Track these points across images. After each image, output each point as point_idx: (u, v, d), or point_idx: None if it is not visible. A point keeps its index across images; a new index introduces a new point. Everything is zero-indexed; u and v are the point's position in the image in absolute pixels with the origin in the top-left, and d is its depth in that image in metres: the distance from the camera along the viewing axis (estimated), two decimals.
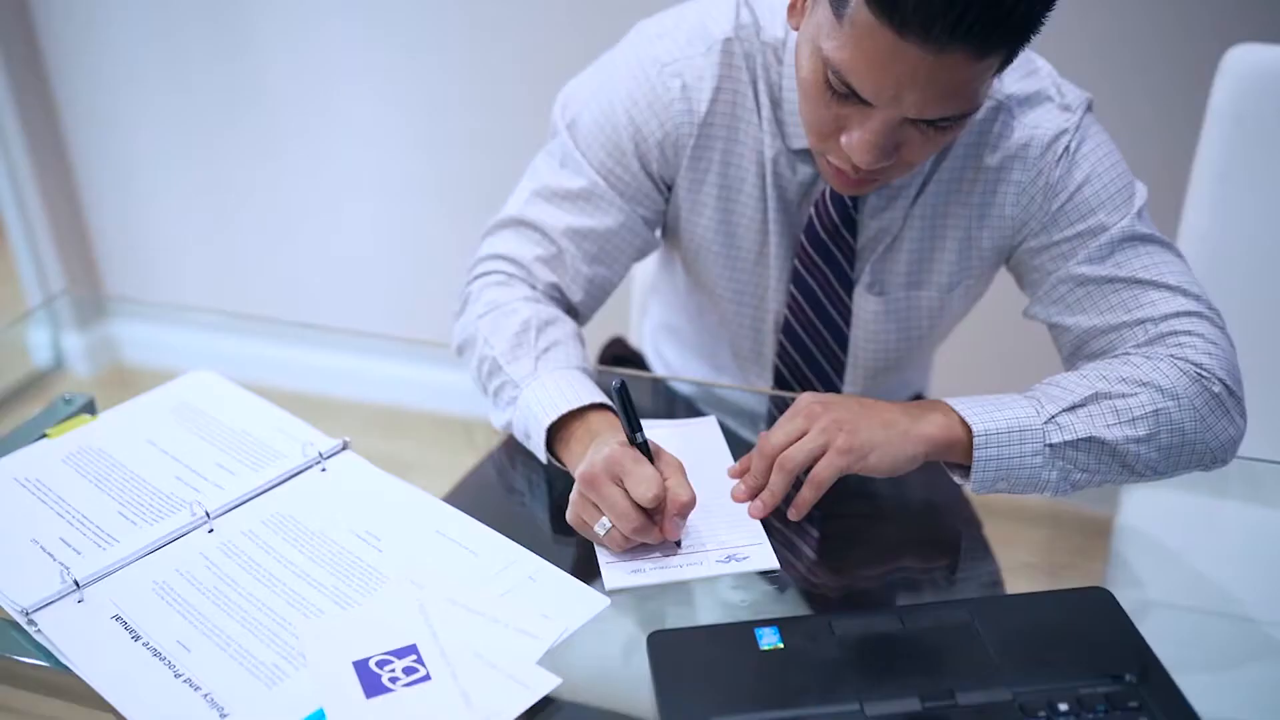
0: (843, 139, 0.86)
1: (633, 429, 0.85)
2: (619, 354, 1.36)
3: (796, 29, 0.90)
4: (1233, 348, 0.95)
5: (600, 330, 1.41)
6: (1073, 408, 0.89)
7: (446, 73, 2.05)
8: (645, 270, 1.41)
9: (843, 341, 1.09)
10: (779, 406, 1.14)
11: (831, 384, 1.13)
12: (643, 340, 1.37)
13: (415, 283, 2.30)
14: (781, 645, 0.78)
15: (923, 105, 0.81)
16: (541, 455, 0.94)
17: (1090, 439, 0.89)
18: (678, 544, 0.87)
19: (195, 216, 2.39)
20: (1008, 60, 0.83)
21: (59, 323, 1.53)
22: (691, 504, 0.85)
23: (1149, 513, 1.28)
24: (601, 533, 0.85)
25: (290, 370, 1.34)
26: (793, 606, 0.89)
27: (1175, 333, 0.93)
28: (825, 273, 1.05)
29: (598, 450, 0.86)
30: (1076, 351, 0.99)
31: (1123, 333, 0.95)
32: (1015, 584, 1.05)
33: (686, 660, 0.77)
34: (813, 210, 1.02)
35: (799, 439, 0.88)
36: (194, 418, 1.04)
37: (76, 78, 2.29)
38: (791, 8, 0.90)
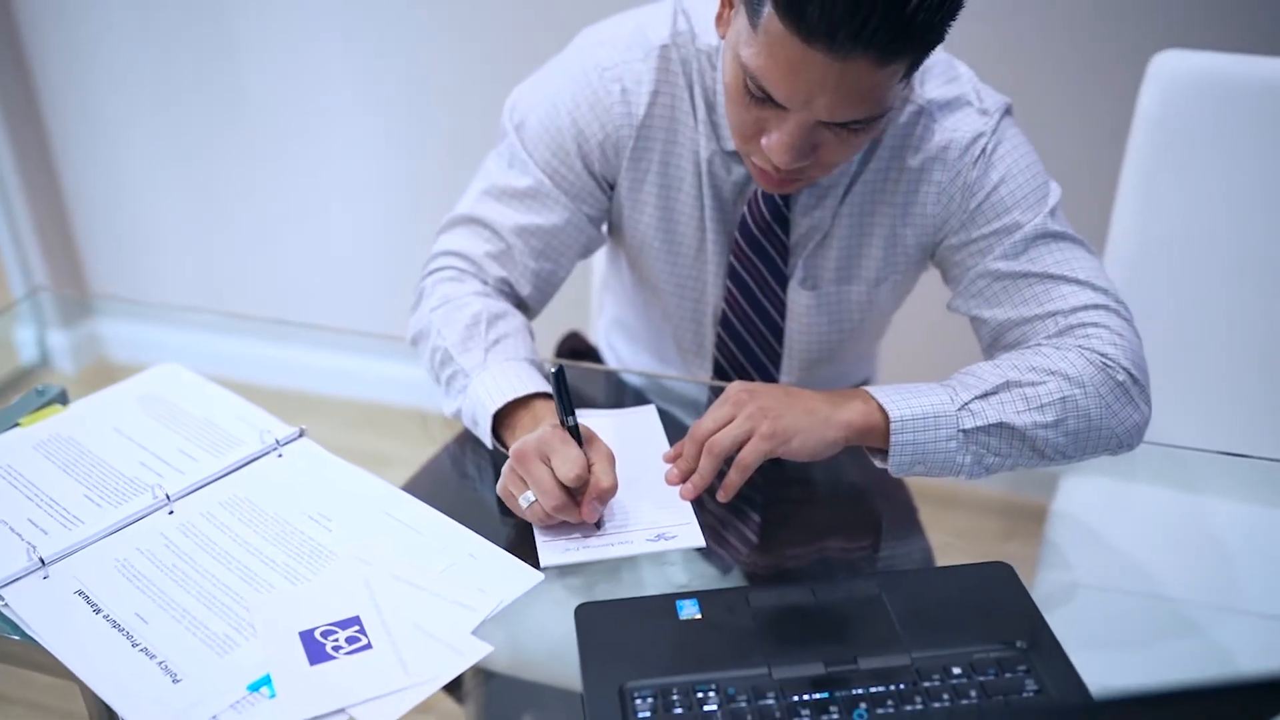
0: (763, 141, 0.92)
1: (565, 413, 0.90)
2: (575, 347, 1.41)
3: (724, 38, 0.96)
4: (1139, 339, 1.00)
5: (562, 325, 1.46)
6: (985, 395, 0.95)
7: (423, 79, 2.10)
8: (602, 268, 1.46)
9: (778, 334, 1.15)
10: (718, 396, 1.20)
11: (769, 375, 1.18)
12: (598, 335, 1.42)
13: (395, 280, 2.35)
14: (700, 616, 0.83)
15: (833, 109, 0.87)
16: (488, 441, 1.00)
17: (1001, 424, 0.94)
18: (597, 525, 0.93)
19: (179, 215, 2.44)
20: (912, 67, 0.88)
21: (44, 320, 1.58)
22: (611, 491, 0.90)
23: (1083, 499, 1.33)
24: (525, 505, 0.90)
25: (272, 367, 1.38)
26: (722, 583, 0.94)
27: (1084, 324, 0.98)
28: (759, 268, 1.10)
29: (534, 431, 0.91)
30: (994, 343, 1.05)
31: (1035, 325, 1.00)
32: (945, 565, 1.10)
33: (610, 629, 0.82)
34: (746, 208, 1.08)
35: (726, 425, 0.94)
36: (159, 407, 1.09)
37: (61, 77, 2.33)
38: (719, 18, 0.96)
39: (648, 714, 0.75)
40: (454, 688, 1.32)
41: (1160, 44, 1.29)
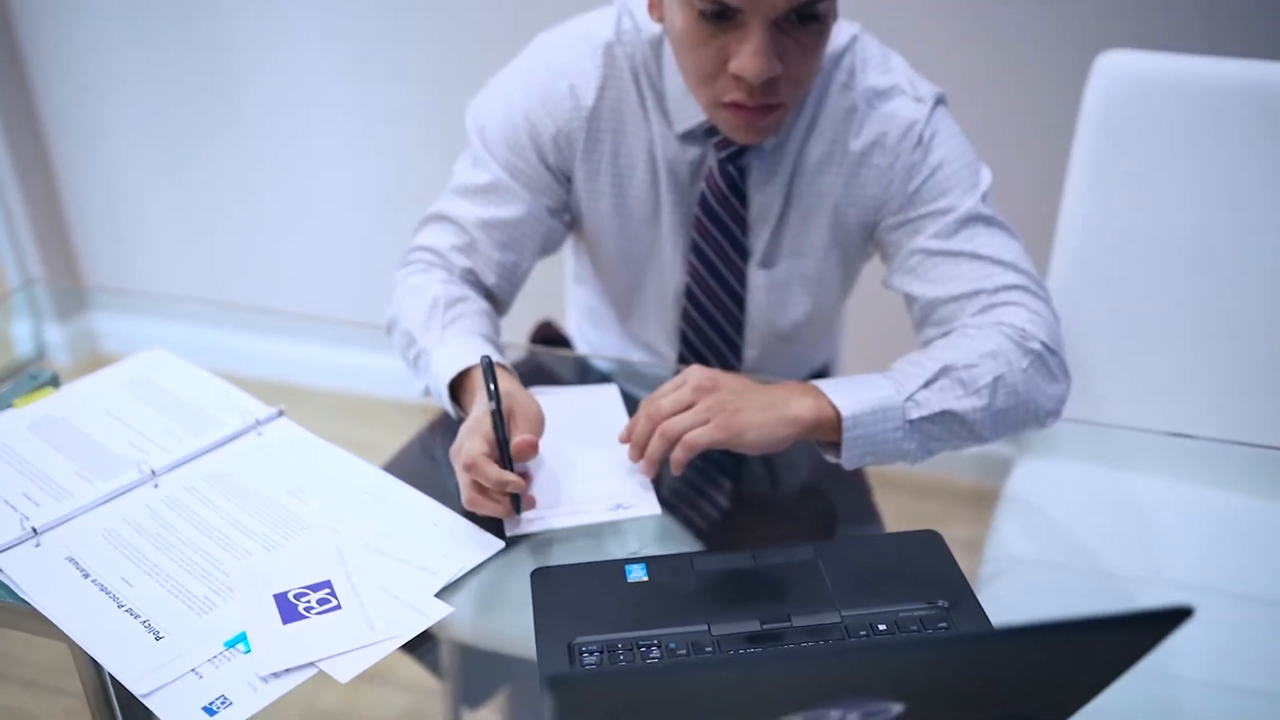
0: (731, 65, 0.97)
1: (490, 398, 0.96)
2: (548, 335, 1.47)
3: (660, 20, 1.04)
4: (1055, 317, 1.08)
5: (538, 316, 1.52)
6: (927, 384, 0.99)
7: (408, 82, 2.16)
8: (572, 263, 1.52)
9: (740, 305, 1.21)
10: None
11: (734, 348, 1.24)
12: (571, 326, 1.48)
13: (382, 274, 2.41)
14: (647, 579, 0.89)
15: None
16: (449, 409, 1.06)
17: (944, 412, 0.99)
18: (516, 509, 0.96)
19: (172, 210, 2.49)
20: None
21: (39, 314, 1.64)
22: (524, 446, 0.95)
23: (1035, 480, 1.39)
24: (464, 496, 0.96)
25: (262, 359, 1.43)
26: (676, 550, 1.00)
27: (1005, 303, 1.06)
28: (721, 242, 1.17)
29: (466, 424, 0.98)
30: (924, 319, 1.11)
31: (962, 303, 1.07)
32: None
33: (563, 591, 0.88)
34: (704, 183, 1.14)
35: (684, 410, 0.98)
36: (147, 390, 1.15)
37: (56, 72, 2.38)
38: (650, 5, 1.04)
39: (594, 666, 0.81)
40: (433, 663, 1.38)
41: (1104, 44, 1.35)
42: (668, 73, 1.10)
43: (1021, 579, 1.20)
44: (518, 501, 0.95)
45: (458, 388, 1.05)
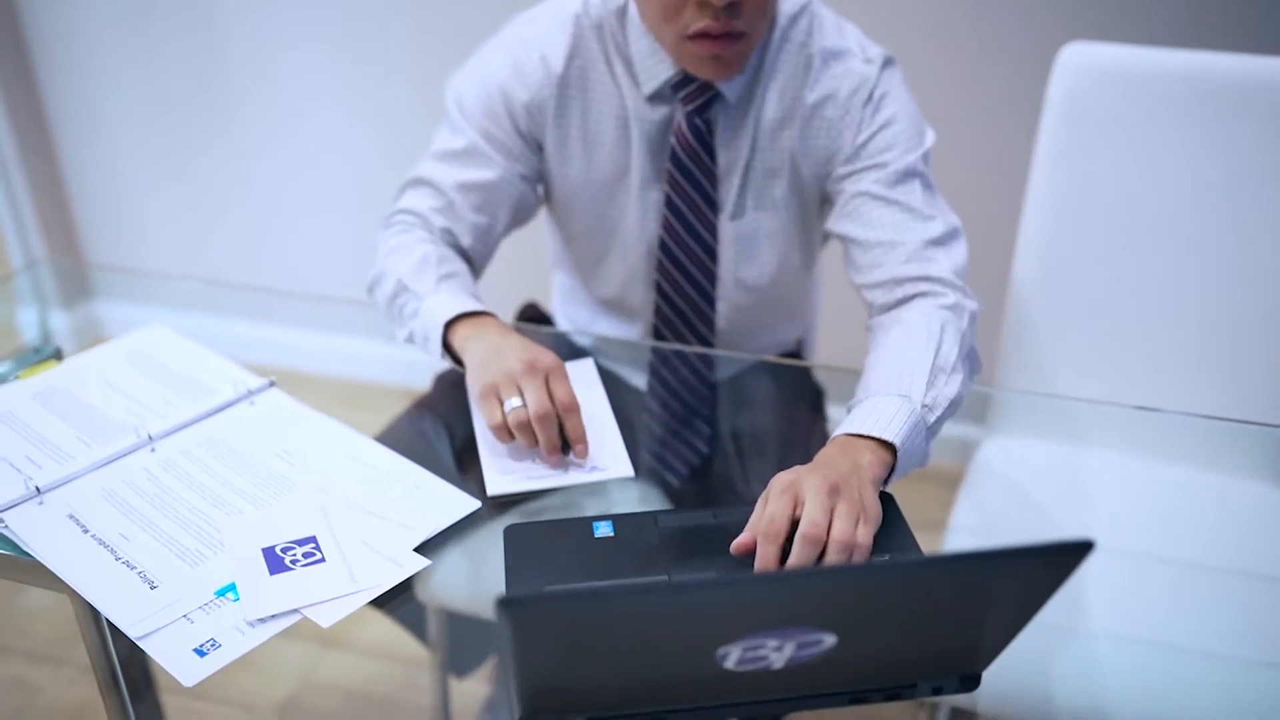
0: None
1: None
2: (532, 316, 1.53)
3: None
4: (965, 254, 1.16)
5: (523, 297, 1.58)
6: (928, 387, 1.01)
7: (405, 61, 2.22)
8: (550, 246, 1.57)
9: (713, 256, 1.26)
10: (658, 355, 1.31)
11: (709, 298, 1.29)
12: (554, 308, 1.54)
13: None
14: (613, 534, 0.94)
15: None
16: (437, 353, 1.12)
17: (950, 404, 1.02)
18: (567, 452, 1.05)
19: (172, 194, 2.55)
20: None
21: (45, 300, 1.69)
22: (585, 447, 1.05)
23: (1001, 458, 1.45)
24: (508, 409, 1.01)
25: (264, 346, 1.48)
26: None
27: (927, 258, 1.13)
28: (691, 195, 1.23)
29: (532, 347, 1.05)
30: (852, 260, 1.18)
31: (887, 250, 1.14)
32: None
33: (534, 546, 0.94)
34: (674, 138, 1.21)
35: (831, 517, 0.88)
36: (146, 363, 1.20)
37: (59, 62, 2.44)
38: None
39: None
40: (421, 633, 1.43)
41: (1067, 35, 1.40)
42: (632, 38, 1.18)
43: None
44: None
45: (451, 333, 1.11)
